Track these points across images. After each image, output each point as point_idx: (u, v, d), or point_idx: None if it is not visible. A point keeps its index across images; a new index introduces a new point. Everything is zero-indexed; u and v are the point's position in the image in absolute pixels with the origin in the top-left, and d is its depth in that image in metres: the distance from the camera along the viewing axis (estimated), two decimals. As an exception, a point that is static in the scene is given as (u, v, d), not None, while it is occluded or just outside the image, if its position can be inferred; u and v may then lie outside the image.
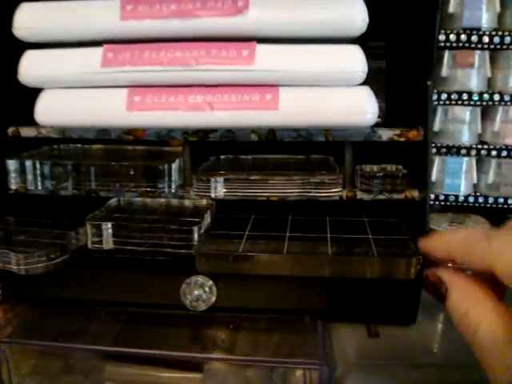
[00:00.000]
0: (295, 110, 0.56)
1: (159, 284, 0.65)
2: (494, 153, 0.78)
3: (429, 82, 0.59)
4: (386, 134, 0.60)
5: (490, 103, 0.75)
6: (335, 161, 0.70)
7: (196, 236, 0.59)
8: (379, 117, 0.59)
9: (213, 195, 0.61)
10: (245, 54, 0.56)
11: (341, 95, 0.56)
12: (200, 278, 0.62)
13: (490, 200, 0.80)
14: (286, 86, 0.57)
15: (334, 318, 0.65)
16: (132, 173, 0.66)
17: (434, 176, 0.78)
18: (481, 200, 0.80)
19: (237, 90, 0.57)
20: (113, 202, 0.71)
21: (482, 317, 0.31)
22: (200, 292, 0.62)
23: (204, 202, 0.69)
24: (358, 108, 0.56)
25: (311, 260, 0.55)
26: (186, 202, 0.71)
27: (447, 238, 0.35)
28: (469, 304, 0.33)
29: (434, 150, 0.77)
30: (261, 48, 0.56)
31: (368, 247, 0.57)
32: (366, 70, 0.55)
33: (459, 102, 0.75)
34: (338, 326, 0.64)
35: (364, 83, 0.57)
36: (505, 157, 0.77)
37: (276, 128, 0.59)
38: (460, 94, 0.75)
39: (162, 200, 0.71)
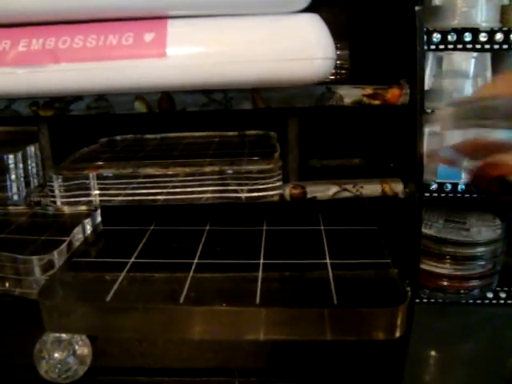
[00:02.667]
0: (195, 57, 0.33)
1: (8, 339, 0.42)
2: (509, 120, 0.53)
3: (417, 8, 0.36)
4: (350, 95, 0.38)
5: (505, 46, 0.51)
6: (279, 138, 0.47)
7: (37, 271, 0.35)
8: (340, 69, 0.36)
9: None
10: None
11: (271, 30, 0.34)
12: (63, 334, 0.39)
13: (502, 189, 0.56)
14: (178, 18, 0.34)
15: (278, 380, 0.42)
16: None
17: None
18: (489, 189, 0.56)
19: (97, 28, 0.34)
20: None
21: None
22: (63, 355, 0.38)
23: (83, 208, 0.45)
24: (300, 50, 0.33)
25: (225, 317, 0.31)
26: (66, 209, 0.47)
27: None
28: None
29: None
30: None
31: (324, 284, 0.34)
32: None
33: (459, 46, 0.51)
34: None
35: (311, 9, 0.34)
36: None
37: (166, 88, 0.35)
38: (461, 32, 0.50)
39: (21, 207, 0.47)
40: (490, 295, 0.57)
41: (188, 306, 0.32)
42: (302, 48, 0.33)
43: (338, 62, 0.46)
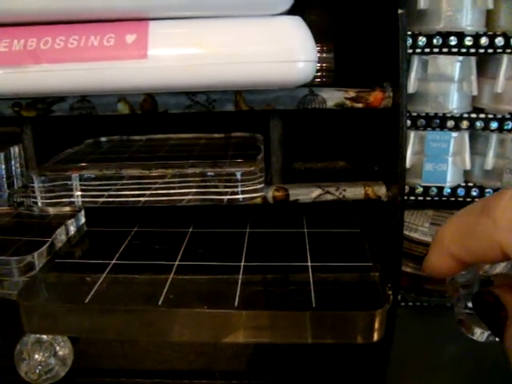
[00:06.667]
0: (176, 59, 0.33)
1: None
2: (494, 125, 0.53)
3: (400, 11, 0.36)
4: (332, 98, 0.38)
5: (490, 50, 0.51)
6: (265, 141, 0.47)
7: (16, 272, 0.35)
8: (325, 72, 0.36)
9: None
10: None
11: (254, 32, 0.33)
12: (44, 335, 0.39)
13: (488, 193, 0.56)
14: (160, 20, 0.34)
15: (261, 382, 0.42)
16: None
17: (408, 160, 0.54)
18: (475, 193, 0.57)
19: (78, 29, 0.34)
20: None
21: None
22: (44, 357, 0.38)
23: (67, 208, 0.45)
24: (282, 52, 0.33)
25: (202, 319, 0.31)
26: (51, 210, 0.47)
27: (439, 239, 0.25)
28: None
29: (409, 122, 0.53)
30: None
31: (304, 287, 0.34)
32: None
33: (444, 50, 0.50)
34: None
35: (295, 12, 0.34)
36: (510, 130, 0.53)
37: (148, 90, 0.35)
38: (446, 36, 0.50)
39: (5, 208, 0.46)
40: (475, 298, 0.57)
41: (165, 307, 0.32)
42: (283, 50, 0.33)
43: (324, 65, 0.46)
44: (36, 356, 0.38)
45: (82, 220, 0.45)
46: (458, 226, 0.24)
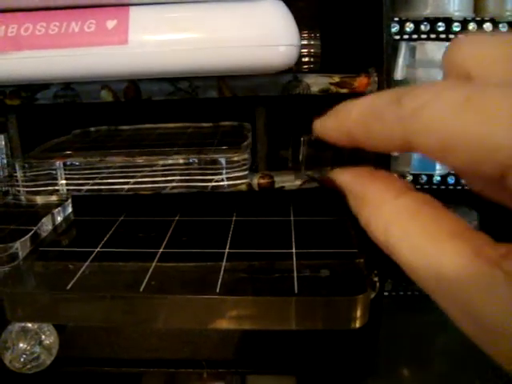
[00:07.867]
0: (157, 44, 0.33)
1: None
2: (483, 111, 0.53)
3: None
4: (317, 84, 0.38)
5: (479, 36, 0.50)
6: (254, 129, 0.46)
7: (-1, 261, 0.35)
8: (313, 58, 0.36)
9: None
10: None
11: (235, 16, 0.33)
12: (29, 324, 0.38)
13: (479, 180, 0.55)
14: (140, 6, 0.34)
15: (248, 370, 0.42)
16: None
17: (397, 148, 0.53)
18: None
19: (59, 16, 0.34)
20: None
21: (389, 219, 0.19)
22: (29, 345, 0.38)
23: (54, 198, 0.45)
24: (264, 36, 0.33)
25: (183, 305, 0.31)
26: (38, 199, 0.46)
27: (343, 114, 0.22)
28: (370, 208, 0.21)
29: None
30: None
31: (287, 273, 0.33)
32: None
33: (432, 36, 0.50)
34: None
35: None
36: (500, 116, 0.53)
37: (130, 76, 0.35)
38: (434, 22, 0.50)
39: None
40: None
41: (146, 294, 0.32)
42: (264, 34, 0.32)
43: (311, 52, 0.45)
44: (21, 344, 0.38)
45: (69, 209, 0.44)
46: (366, 107, 0.22)
